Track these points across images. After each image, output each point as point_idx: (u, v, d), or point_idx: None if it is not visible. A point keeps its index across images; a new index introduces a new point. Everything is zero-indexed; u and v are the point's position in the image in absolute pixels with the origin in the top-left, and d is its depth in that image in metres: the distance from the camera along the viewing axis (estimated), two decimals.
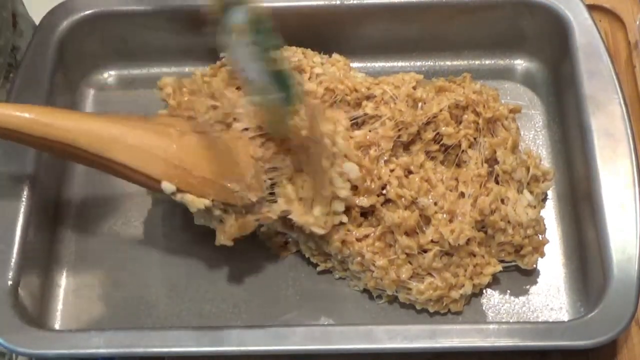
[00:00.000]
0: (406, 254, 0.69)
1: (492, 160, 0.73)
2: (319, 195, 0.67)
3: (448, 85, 0.76)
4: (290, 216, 0.68)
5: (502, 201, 0.70)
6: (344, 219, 0.68)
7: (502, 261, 0.71)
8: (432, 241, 0.68)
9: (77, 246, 0.76)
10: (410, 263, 0.69)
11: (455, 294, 0.69)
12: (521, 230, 0.70)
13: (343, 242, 0.69)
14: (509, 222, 0.70)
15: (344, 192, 0.67)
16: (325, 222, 0.68)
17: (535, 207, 0.72)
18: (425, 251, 0.69)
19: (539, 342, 0.64)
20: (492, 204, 0.69)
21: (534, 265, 0.71)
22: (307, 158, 0.68)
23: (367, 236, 0.69)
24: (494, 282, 0.71)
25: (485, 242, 0.71)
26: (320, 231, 0.68)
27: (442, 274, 0.69)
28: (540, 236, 0.71)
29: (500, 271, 0.71)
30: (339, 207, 0.68)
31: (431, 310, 0.70)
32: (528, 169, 0.72)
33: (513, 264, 0.72)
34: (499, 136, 0.73)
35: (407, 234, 0.69)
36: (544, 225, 0.72)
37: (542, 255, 0.71)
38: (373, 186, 0.69)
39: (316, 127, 0.67)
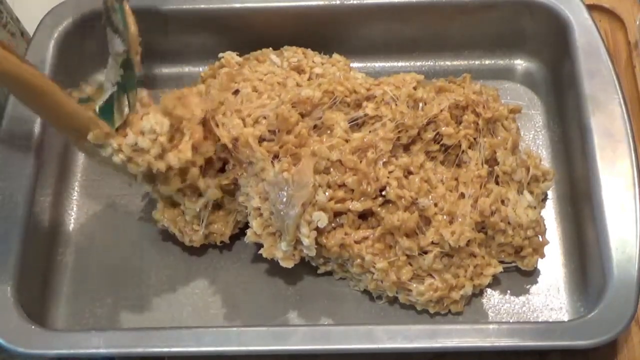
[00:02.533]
0: (406, 255, 0.69)
1: (492, 161, 0.73)
2: (284, 233, 0.68)
3: (448, 86, 0.76)
4: (260, 251, 0.69)
5: (502, 202, 0.70)
6: (312, 252, 0.68)
7: (502, 262, 0.71)
8: (432, 242, 0.68)
9: (77, 246, 0.76)
10: (411, 264, 0.69)
11: (455, 295, 0.69)
12: (521, 232, 0.70)
13: (341, 245, 0.69)
14: (509, 223, 0.69)
15: (307, 241, 0.67)
16: (294, 255, 0.68)
17: (535, 207, 0.72)
18: (425, 252, 0.68)
19: (538, 342, 0.64)
20: (492, 205, 0.69)
21: (534, 266, 0.71)
22: (278, 196, 0.67)
23: (366, 238, 0.69)
24: (494, 282, 0.71)
25: (485, 243, 0.71)
26: (289, 265, 0.69)
27: (443, 275, 0.69)
28: (540, 237, 0.71)
29: (501, 272, 0.71)
30: (307, 250, 0.68)
31: (432, 311, 0.70)
32: (528, 170, 0.72)
33: (513, 264, 0.72)
34: (499, 136, 0.73)
35: (407, 235, 0.68)
36: (544, 225, 0.72)
37: (542, 256, 0.71)
38: (369, 189, 0.69)
39: (304, 172, 0.67)
